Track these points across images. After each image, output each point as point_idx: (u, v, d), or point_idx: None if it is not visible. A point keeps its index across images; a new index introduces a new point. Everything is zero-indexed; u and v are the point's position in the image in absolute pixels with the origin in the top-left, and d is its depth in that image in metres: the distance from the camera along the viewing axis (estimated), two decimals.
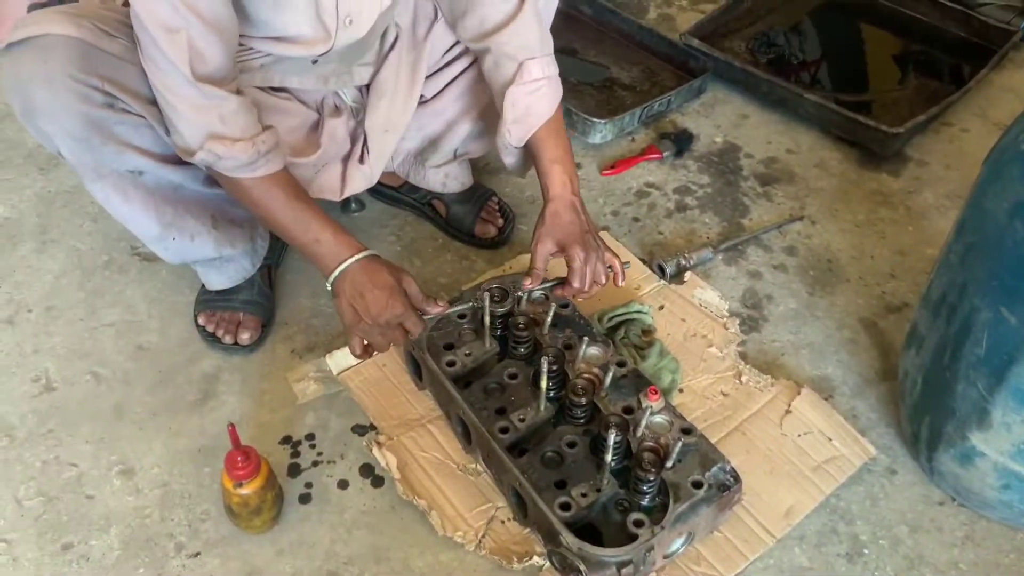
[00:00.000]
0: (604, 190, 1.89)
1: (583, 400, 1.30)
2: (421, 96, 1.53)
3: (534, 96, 1.39)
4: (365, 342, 1.30)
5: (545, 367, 1.27)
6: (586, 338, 1.39)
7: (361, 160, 1.51)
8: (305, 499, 1.35)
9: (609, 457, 1.20)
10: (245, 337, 1.52)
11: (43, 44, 1.16)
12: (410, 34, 1.45)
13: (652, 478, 1.21)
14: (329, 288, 1.29)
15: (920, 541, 1.33)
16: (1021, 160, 1.09)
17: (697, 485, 1.23)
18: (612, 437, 1.18)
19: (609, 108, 2.08)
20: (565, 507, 1.21)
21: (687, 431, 1.29)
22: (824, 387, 1.52)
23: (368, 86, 1.48)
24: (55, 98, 1.17)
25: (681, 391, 1.49)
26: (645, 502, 1.23)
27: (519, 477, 1.24)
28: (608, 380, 1.33)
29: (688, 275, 1.67)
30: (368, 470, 1.38)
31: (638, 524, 1.19)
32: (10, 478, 1.36)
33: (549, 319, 1.42)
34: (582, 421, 1.32)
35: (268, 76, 1.36)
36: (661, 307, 1.62)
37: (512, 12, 1.36)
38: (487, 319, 1.37)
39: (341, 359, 1.50)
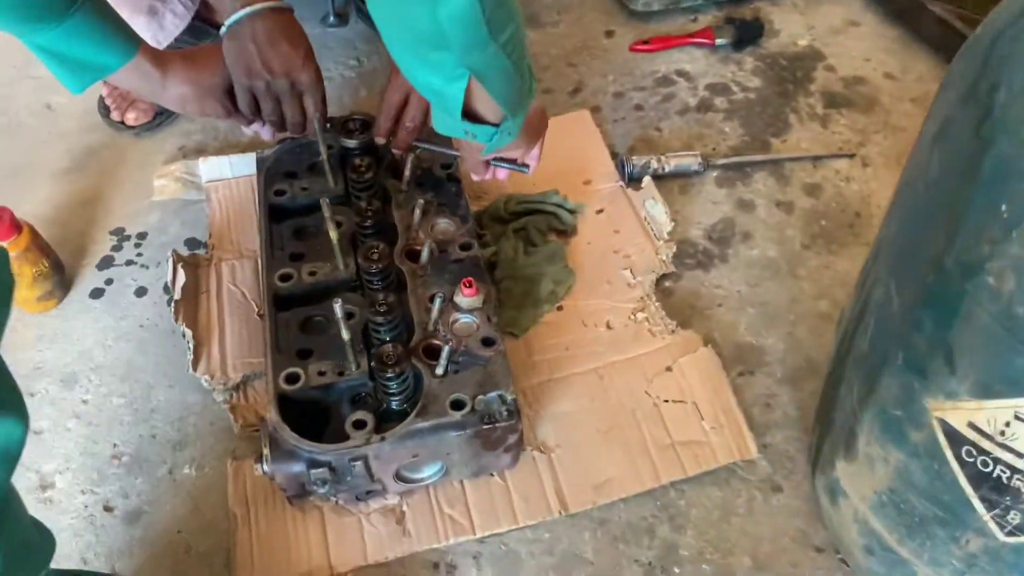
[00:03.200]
0: (623, 67, 1.54)
1: (373, 268, 1.04)
2: None
3: None
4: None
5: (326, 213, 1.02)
6: (436, 205, 1.12)
7: None
8: (97, 294, 1.22)
9: (346, 335, 0.95)
10: (131, 117, 1.39)
11: None
12: None
13: (389, 375, 0.94)
14: (223, 32, 1.04)
15: None
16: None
17: (457, 406, 0.95)
18: (338, 309, 0.92)
19: None
20: (292, 379, 0.98)
21: (488, 341, 1.00)
22: (751, 359, 1.14)
23: None
24: None
25: (560, 308, 1.18)
26: (393, 405, 0.98)
27: (265, 331, 1.02)
28: (424, 256, 1.06)
29: (646, 180, 1.30)
30: None
31: (358, 425, 0.94)
32: None
33: (407, 172, 1.15)
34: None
35: None
36: (600, 211, 1.29)
37: None
38: (323, 148, 1.13)
39: (216, 167, 1.33)
